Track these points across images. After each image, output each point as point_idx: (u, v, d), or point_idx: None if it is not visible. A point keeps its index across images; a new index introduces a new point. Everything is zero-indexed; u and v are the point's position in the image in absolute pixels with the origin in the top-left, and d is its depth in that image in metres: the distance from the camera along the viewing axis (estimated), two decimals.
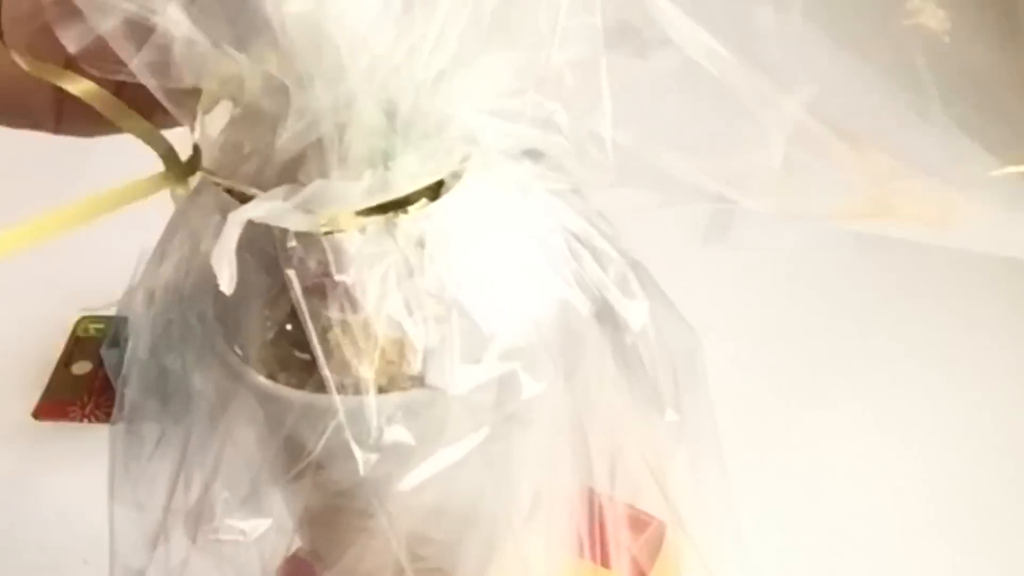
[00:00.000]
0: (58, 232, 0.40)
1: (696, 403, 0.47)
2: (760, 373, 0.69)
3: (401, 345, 0.39)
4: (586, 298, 0.42)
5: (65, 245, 0.76)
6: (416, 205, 0.39)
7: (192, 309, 0.43)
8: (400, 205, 0.39)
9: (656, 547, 0.51)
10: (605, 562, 0.48)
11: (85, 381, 0.72)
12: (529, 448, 0.43)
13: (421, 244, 0.39)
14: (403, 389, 0.39)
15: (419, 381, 0.39)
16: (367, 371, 0.38)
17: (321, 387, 0.38)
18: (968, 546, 0.61)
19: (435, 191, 0.39)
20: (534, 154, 0.42)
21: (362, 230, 0.38)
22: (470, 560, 0.44)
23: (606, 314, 0.42)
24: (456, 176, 0.39)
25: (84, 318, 0.74)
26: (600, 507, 0.47)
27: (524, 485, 0.43)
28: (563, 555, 0.47)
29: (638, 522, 0.49)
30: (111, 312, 0.70)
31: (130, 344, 0.45)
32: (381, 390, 0.39)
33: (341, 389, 0.39)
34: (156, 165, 0.51)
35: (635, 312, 0.42)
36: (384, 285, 0.39)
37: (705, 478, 0.49)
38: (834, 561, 0.62)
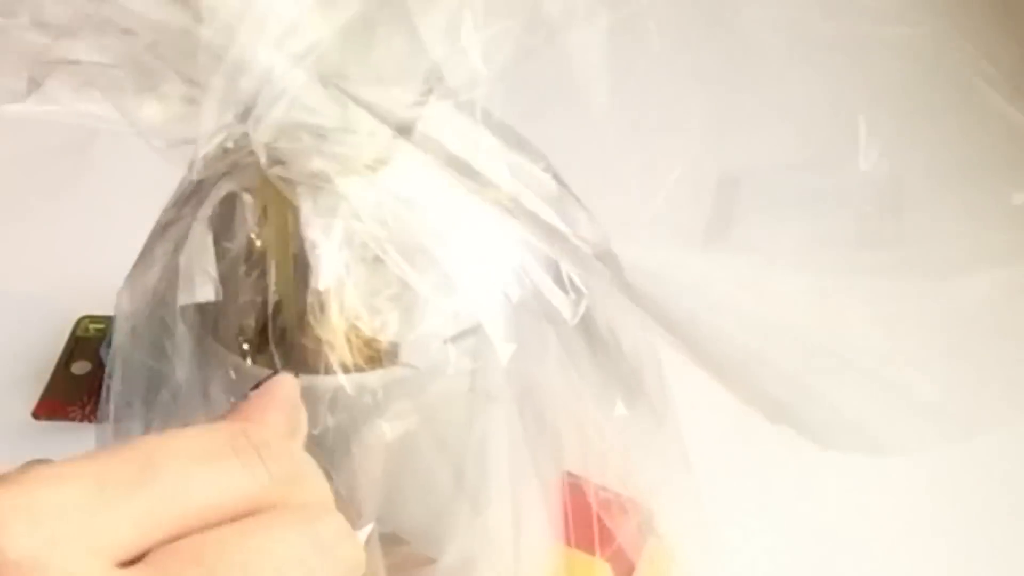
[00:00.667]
0: None
1: (656, 401, 0.47)
2: None
3: (364, 323, 0.40)
4: (520, 288, 0.42)
5: (65, 245, 0.77)
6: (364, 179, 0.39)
7: (174, 304, 0.44)
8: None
9: (643, 534, 0.51)
10: (588, 549, 0.48)
11: (85, 381, 0.72)
12: (496, 430, 0.43)
13: (377, 216, 0.39)
14: (378, 367, 0.40)
15: (392, 358, 0.40)
16: (343, 350, 0.38)
17: (300, 367, 0.39)
18: (964, 548, 0.60)
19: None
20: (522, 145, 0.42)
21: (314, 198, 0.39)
22: (451, 543, 0.44)
23: (550, 307, 0.43)
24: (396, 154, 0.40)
25: (84, 318, 0.74)
26: (580, 492, 0.47)
27: (496, 468, 0.44)
28: (545, 542, 0.47)
29: (622, 508, 0.49)
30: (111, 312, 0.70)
31: (114, 344, 0.46)
32: (358, 369, 0.39)
33: (317, 369, 0.39)
34: (158, 164, 0.52)
35: (571, 306, 0.43)
36: (349, 264, 0.39)
37: (670, 475, 0.49)
38: (827, 561, 0.61)
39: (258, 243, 0.40)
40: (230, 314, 0.42)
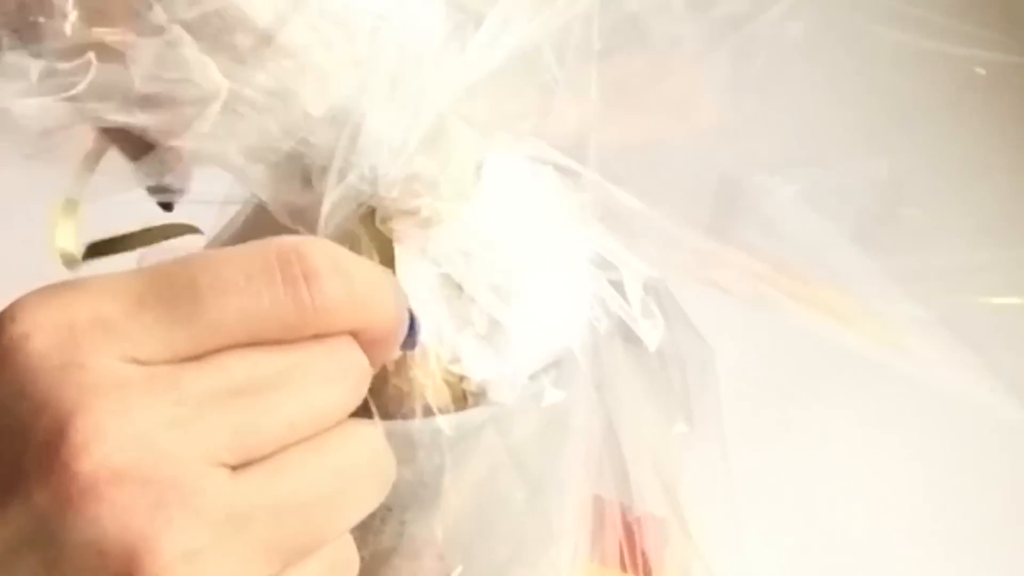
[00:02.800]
0: None
1: (706, 412, 0.48)
2: (762, 375, 0.70)
3: (458, 363, 0.40)
4: (605, 317, 0.43)
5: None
6: (445, 220, 0.40)
7: None
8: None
9: (666, 543, 0.51)
10: (643, 570, 0.49)
11: None
12: (570, 460, 0.43)
13: (464, 256, 0.39)
14: (464, 406, 0.40)
15: (478, 397, 0.40)
16: (441, 392, 0.38)
17: (393, 409, 0.39)
18: (971, 550, 0.62)
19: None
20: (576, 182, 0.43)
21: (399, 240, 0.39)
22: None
23: (627, 332, 0.43)
24: (476, 193, 0.40)
25: None
26: (630, 516, 0.48)
27: (569, 497, 0.44)
28: (597, 566, 0.47)
29: (650, 522, 0.50)
30: None
31: None
32: (442, 411, 0.39)
33: (408, 412, 0.39)
34: None
35: (651, 332, 0.43)
36: (435, 301, 0.39)
37: (711, 484, 0.50)
38: (837, 565, 0.62)
39: None
40: None
